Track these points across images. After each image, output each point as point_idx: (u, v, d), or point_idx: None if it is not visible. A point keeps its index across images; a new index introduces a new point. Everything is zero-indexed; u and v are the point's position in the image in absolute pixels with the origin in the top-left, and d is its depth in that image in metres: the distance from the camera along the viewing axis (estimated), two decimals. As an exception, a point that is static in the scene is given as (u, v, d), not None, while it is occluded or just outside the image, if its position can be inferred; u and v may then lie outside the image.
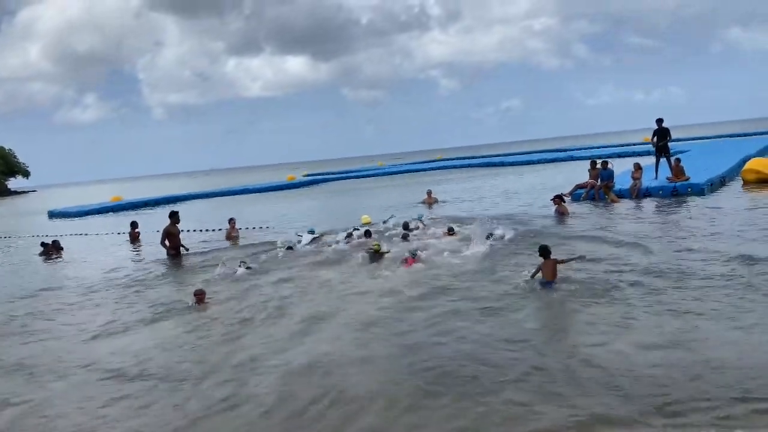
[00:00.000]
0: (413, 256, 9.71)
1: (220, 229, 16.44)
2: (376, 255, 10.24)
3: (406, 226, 12.65)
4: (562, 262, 7.81)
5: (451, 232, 11.82)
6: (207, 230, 17.18)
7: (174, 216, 13.78)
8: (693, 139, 46.22)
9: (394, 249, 10.77)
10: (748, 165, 17.62)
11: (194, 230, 17.02)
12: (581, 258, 8.22)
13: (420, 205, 19.09)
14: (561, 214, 13.34)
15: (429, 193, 19.88)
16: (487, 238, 10.85)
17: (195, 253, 13.48)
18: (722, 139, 47.05)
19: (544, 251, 7.71)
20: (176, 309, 8.44)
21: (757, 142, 31.74)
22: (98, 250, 16.15)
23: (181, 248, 13.66)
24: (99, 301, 9.52)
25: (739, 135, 51.27)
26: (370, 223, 14.12)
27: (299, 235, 13.18)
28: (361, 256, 10.60)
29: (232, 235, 15.20)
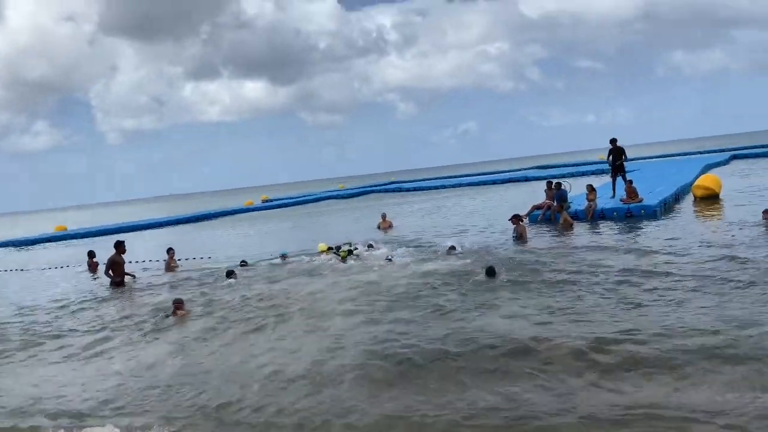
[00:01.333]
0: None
1: (158, 260, 15.72)
2: (345, 259, 11.99)
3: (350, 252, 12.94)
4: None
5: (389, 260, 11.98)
6: (147, 261, 16.22)
7: (119, 246, 13.59)
8: (643, 158, 47.53)
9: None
10: (697, 182, 18.33)
11: (135, 261, 15.75)
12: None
13: (376, 230, 18.72)
14: (520, 234, 13.24)
15: (383, 216, 19.45)
16: (448, 253, 11.98)
17: (136, 286, 12.95)
18: (671, 158, 48.61)
19: (491, 271, 9.23)
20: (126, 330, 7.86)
21: (703, 161, 32.85)
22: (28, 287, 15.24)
23: (129, 276, 13.47)
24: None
25: (686, 153, 53.11)
26: (325, 250, 13.73)
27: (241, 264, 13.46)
28: (332, 262, 12.22)
29: (171, 266, 14.52)
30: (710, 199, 17.18)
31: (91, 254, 16.89)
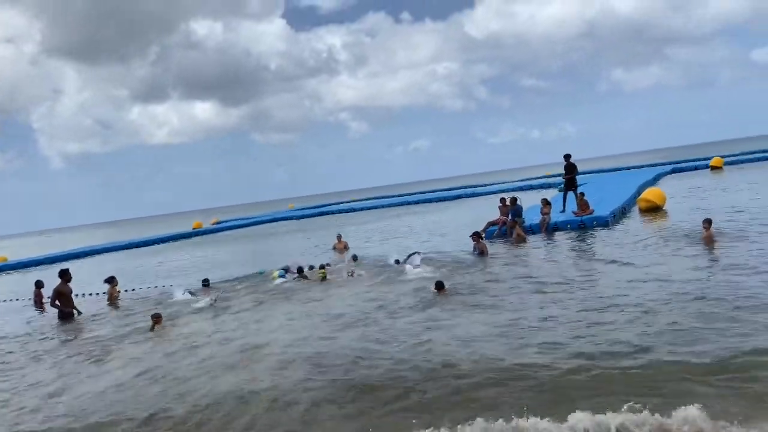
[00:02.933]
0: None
1: (97, 293, 15.01)
2: (324, 280, 12.65)
3: (300, 270, 13.48)
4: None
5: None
6: (88, 294, 15.13)
7: (65, 275, 12.84)
8: (588, 172, 49.03)
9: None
10: (642, 195, 19.01)
11: (78, 294, 14.25)
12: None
13: (331, 251, 18.58)
14: (481, 252, 13.32)
15: (339, 237, 19.29)
16: (397, 264, 13.10)
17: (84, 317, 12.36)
18: (614, 171, 50.29)
19: (439, 285, 9.78)
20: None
21: (647, 173, 34.13)
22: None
23: (74, 310, 12.55)
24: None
25: (629, 168, 55.08)
26: (276, 277, 13.60)
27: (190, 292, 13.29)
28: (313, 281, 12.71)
29: (113, 296, 13.86)
30: (654, 211, 17.84)
31: (39, 284, 15.40)
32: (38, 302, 14.98)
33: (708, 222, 11.61)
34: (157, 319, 9.99)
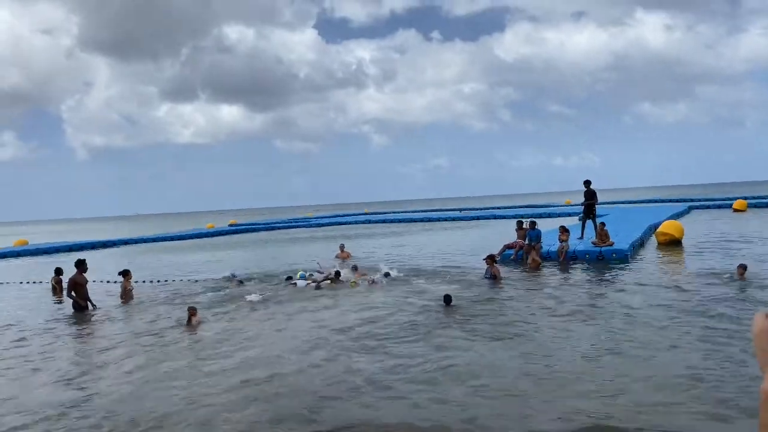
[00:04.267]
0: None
1: (114, 282, 15.24)
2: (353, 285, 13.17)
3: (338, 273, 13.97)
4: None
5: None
6: (103, 281, 15.72)
7: (81, 265, 12.71)
8: (609, 203, 48.67)
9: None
10: (660, 228, 19.15)
11: (93, 281, 15.05)
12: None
13: (335, 260, 18.66)
14: (494, 276, 13.14)
15: (342, 247, 19.61)
16: (385, 276, 13.76)
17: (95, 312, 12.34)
18: (635, 204, 49.85)
19: (447, 299, 10.24)
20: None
21: (668, 210, 33.76)
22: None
23: (89, 303, 12.49)
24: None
25: (650, 201, 54.60)
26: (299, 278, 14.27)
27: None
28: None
29: (127, 290, 13.95)
30: (672, 245, 17.81)
31: (58, 272, 15.39)
32: (57, 289, 15.08)
33: (743, 267, 11.43)
34: (192, 311, 10.17)
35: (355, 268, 14.82)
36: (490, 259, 13.41)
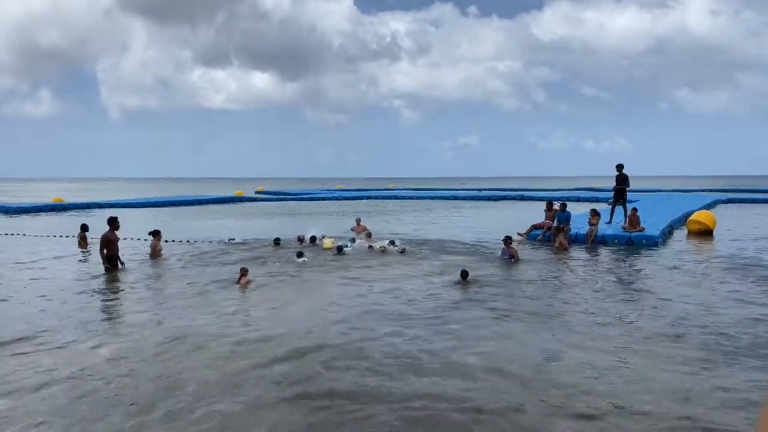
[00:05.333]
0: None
1: (144, 239, 15.66)
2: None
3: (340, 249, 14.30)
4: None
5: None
6: (133, 239, 16.19)
7: (113, 222, 12.79)
8: (640, 191, 47.77)
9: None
10: (692, 217, 18.73)
11: (123, 238, 15.06)
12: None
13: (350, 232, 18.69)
14: (511, 256, 13.03)
15: (358, 221, 19.44)
16: (391, 244, 14.60)
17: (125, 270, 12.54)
18: (665, 192, 48.89)
19: (464, 274, 10.44)
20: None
21: (700, 199, 33.05)
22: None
23: (119, 262, 12.63)
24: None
25: (683, 191, 53.46)
26: (331, 247, 14.65)
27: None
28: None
29: (156, 249, 14.18)
30: (703, 235, 17.44)
31: (84, 228, 16.22)
32: (82, 244, 15.81)
33: None
34: (244, 272, 10.53)
35: (369, 235, 16.24)
36: (508, 239, 13.29)
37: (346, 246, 14.57)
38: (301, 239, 15.59)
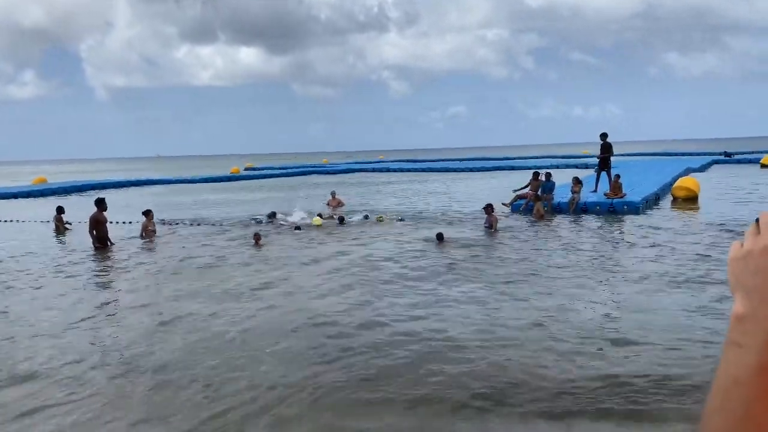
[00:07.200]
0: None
1: (135, 222, 15.43)
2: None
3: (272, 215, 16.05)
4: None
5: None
6: (123, 222, 15.72)
7: (101, 203, 12.99)
8: (627, 155, 47.95)
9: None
10: (678, 182, 18.78)
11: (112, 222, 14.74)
12: None
13: (325, 206, 18.70)
14: (491, 224, 13.31)
15: (333, 194, 19.62)
16: (365, 218, 15.36)
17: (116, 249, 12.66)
18: (655, 157, 49.07)
19: (439, 236, 11.67)
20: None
21: (687, 162, 33.26)
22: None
23: (108, 242, 12.82)
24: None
25: (670, 154, 53.66)
26: (321, 225, 14.79)
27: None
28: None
29: (148, 230, 14.16)
30: (689, 200, 17.64)
31: (59, 210, 15.78)
32: (58, 227, 15.54)
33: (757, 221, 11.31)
34: (257, 237, 11.97)
35: (341, 220, 15.16)
36: (489, 207, 13.58)
37: (366, 217, 15.54)
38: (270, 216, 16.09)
